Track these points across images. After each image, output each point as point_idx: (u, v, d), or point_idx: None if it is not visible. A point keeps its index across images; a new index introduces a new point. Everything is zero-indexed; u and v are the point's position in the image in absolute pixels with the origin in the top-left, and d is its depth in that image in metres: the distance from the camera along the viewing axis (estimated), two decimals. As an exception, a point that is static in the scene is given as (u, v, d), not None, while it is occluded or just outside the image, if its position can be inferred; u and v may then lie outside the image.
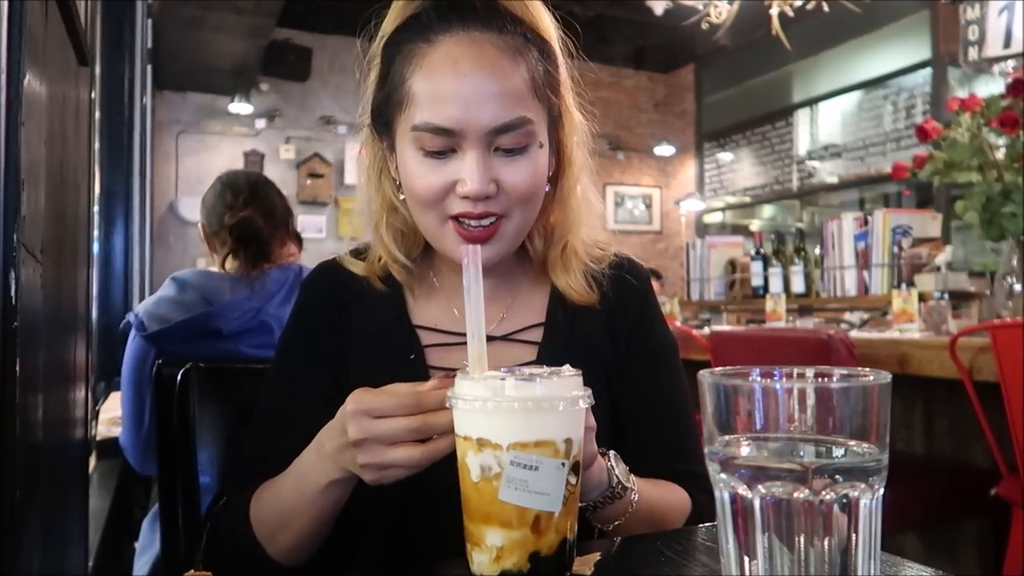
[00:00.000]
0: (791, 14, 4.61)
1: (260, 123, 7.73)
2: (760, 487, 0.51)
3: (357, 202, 1.32)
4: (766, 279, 3.74)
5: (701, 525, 0.86)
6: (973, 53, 3.71)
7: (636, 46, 8.62)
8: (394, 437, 0.72)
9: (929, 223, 3.26)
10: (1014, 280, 2.35)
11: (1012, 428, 1.86)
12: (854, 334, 2.48)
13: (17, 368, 0.87)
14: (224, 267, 1.99)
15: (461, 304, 0.76)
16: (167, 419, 1.24)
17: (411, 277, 1.02)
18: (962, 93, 3.27)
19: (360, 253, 1.05)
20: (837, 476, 0.50)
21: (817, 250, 3.60)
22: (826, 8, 4.48)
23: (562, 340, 0.99)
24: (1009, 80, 2.51)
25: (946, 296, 2.62)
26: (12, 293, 0.85)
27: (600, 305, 1.02)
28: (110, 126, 3.48)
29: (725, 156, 8.83)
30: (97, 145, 3.19)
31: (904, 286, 2.91)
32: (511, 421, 0.65)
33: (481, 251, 0.74)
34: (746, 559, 0.53)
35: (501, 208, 0.89)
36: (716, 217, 9.18)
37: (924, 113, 6.34)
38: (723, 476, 0.53)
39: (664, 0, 4.60)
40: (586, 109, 1.01)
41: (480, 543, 0.67)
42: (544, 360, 0.95)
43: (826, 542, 0.51)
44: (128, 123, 3.67)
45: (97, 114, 3.15)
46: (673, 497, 0.94)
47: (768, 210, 8.71)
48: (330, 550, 0.91)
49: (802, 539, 0.51)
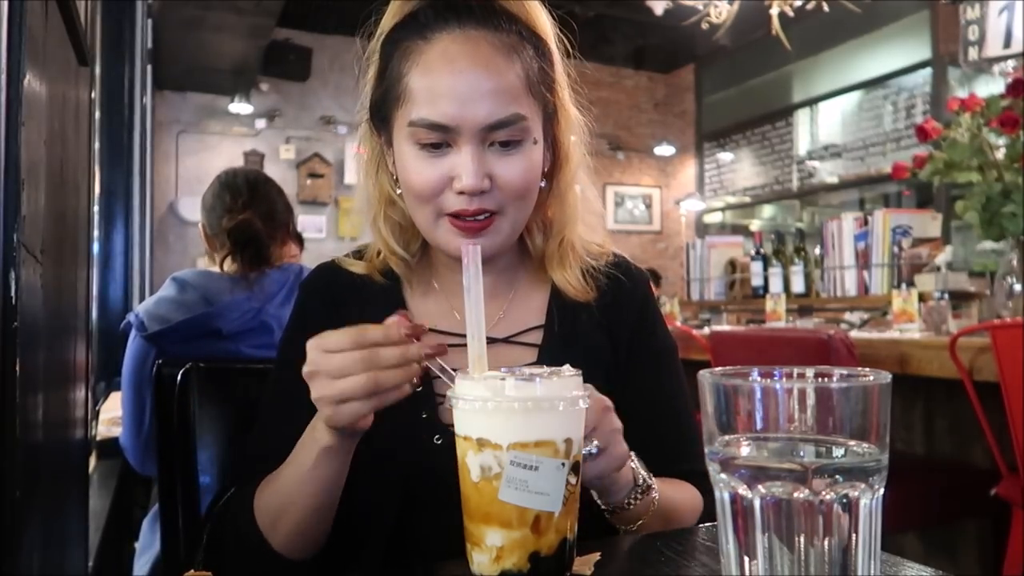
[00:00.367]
0: (791, 14, 4.61)
1: (260, 123, 7.73)
2: (760, 487, 0.51)
3: (356, 199, 1.33)
4: (766, 279, 3.74)
5: (701, 525, 0.87)
6: (973, 53, 3.71)
7: (636, 46, 8.62)
8: (342, 370, 0.73)
9: (929, 223, 3.26)
10: (1014, 280, 2.35)
11: (1012, 428, 1.86)
12: (854, 334, 2.48)
13: (17, 368, 0.87)
14: (223, 268, 1.98)
15: (460, 305, 0.76)
16: (167, 419, 1.24)
17: (410, 271, 1.02)
18: (962, 93, 3.27)
19: (359, 254, 1.06)
20: (837, 476, 0.50)
21: (817, 250, 3.60)
22: (826, 8, 4.48)
23: (562, 341, 1.00)
24: (1009, 80, 2.51)
25: (946, 296, 2.62)
26: (12, 293, 0.85)
27: (596, 302, 1.02)
28: (110, 126, 3.48)
29: (725, 156, 8.83)
30: (97, 145, 3.19)
31: (904, 286, 2.91)
32: (511, 421, 0.65)
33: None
34: (746, 559, 0.53)
35: (495, 204, 0.90)
36: (716, 217, 9.18)
37: (924, 113, 6.34)
38: (723, 476, 0.53)
39: (664, 0, 4.60)
40: (584, 107, 1.02)
41: (480, 543, 0.67)
42: (544, 362, 0.96)
43: (826, 542, 0.50)
44: (128, 123, 3.67)
45: (97, 114, 3.15)
46: (687, 494, 0.95)
47: (768, 210, 8.71)
48: (333, 551, 0.91)
49: (802, 539, 0.51)
